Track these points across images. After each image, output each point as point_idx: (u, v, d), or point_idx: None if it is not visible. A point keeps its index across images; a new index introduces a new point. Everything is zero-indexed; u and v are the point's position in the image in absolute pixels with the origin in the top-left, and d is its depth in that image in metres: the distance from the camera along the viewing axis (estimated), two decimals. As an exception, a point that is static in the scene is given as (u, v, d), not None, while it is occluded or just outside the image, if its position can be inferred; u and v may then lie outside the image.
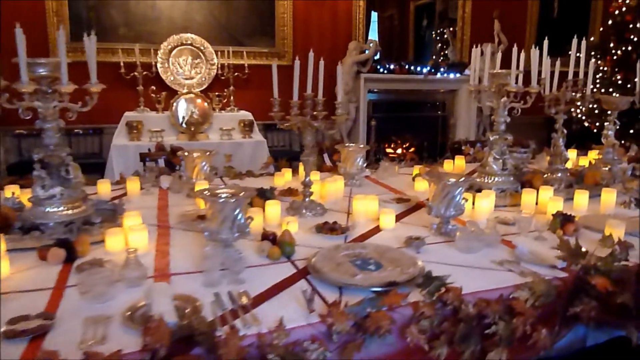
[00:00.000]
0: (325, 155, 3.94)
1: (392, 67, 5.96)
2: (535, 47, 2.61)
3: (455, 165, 3.29)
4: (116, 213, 2.08)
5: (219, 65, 5.34)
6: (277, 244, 1.78)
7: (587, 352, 1.67)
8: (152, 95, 5.05)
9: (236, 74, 5.36)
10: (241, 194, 1.69)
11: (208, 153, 2.65)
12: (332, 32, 5.87)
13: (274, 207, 2.12)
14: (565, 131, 2.77)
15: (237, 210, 1.66)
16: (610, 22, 5.67)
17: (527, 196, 2.31)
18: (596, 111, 5.71)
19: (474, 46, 2.74)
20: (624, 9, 5.48)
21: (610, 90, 5.36)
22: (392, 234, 2.00)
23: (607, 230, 1.83)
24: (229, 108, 5.32)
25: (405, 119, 6.52)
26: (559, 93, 2.69)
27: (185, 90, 5.14)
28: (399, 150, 6.55)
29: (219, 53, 5.32)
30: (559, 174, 2.72)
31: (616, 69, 5.59)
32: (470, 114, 6.46)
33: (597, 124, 5.74)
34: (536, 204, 2.35)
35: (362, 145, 2.94)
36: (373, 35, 7.77)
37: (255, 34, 5.63)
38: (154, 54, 5.10)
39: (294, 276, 1.60)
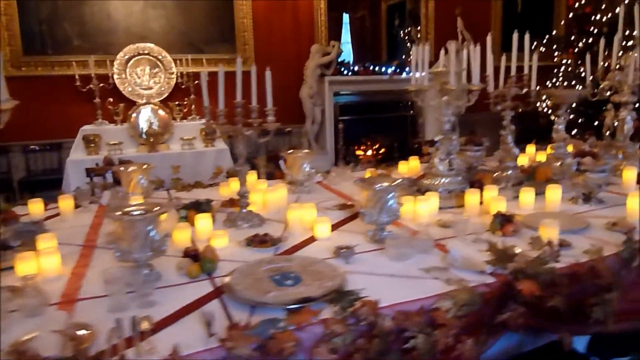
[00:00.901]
0: (281, 162, 3.86)
1: (356, 68, 5.90)
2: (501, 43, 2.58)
3: (410, 166, 3.22)
4: (35, 235, 1.97)
5: (179, 74, 5.24)
6: (199, 261, 1.69)
7: (521, 359, 1.60)
8: (109, 107, 4.93)
9: (196, 82, 5.25)
10: (155, 210, 1.61)
11: (145, 166, 2.55)
12: (294, 35, 5.79)
13: (204, 221, 2.03)
14: (513, 127, 2.71)
15: (150, 228, 1.58)
16: (571, 14, 5.66)
17: (471, 197, 2.25)
18: (562, 104, 5.69)
19: (414, 45, 2.66)
20: (583, 1, 5.48)
21: (573, 83, 5.35)
22: (327, 243, 1.91)
23: (541, 230, 1.76)
24: (190, 117, 5.22)
25: (375, 120, 6.46)
26: (504, 89, 2.64)
27: (144, 101, 5.03)
28: (369, 152, 6.49)
29: (178, 61, 5.21)
30: (509, 172, 2.67)
31: (579, 62, 5.58)
32: (439, 112, 6.40)
33: (571, 116, 5.73)
34: (481, 203, 2.29)
35: (307, 151, 2.86)
36: (345, 36, 7.73)
37: (216, 41, 5.54)
38: (110, 65, 4.99)
39: (208, 295, 1.51)
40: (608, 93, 3.06)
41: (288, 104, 5.91)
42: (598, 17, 5.31)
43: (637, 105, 3.00)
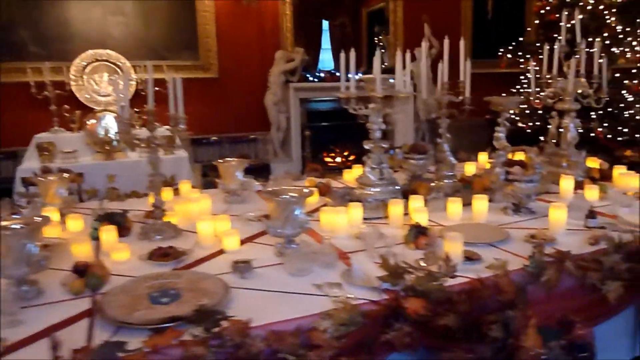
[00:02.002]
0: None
1: (322, 75, 5.84)
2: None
3: (355, 175, 3.14)
4: None
5: (140, 81, 5.15)
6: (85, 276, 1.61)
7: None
8: (66, 114, 4.83)
9: (157, 88, 5.16)
10: (32, 224, 1.52)
11: (67, 176, 2.46)
12: (259, 41, 5.73)
13: (108, 233, 1.94)
14: (449, 135, 2.65)
15: (26, 242, 1.49)
16: (537, 21, 5.63)
17: (394, 207, 2.18)
18: (527, 111, 5.67)
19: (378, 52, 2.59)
20: (547, 8, 5.45)
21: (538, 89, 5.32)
22: (235, 257, 1.83)
23: (445, 244, 1.69)
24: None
25: (344, 127, 6.37)
26: (438, 96, 2.58)
27: (101, 108, 4.94)
28: (339, 159, 6.43)
29: (138, 68, 5.13)
30: (445, 181, 2.60)
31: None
32: (408, 118, 6.37)
33: (530, 124, 5.70)
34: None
35: (241, 160, 2.78)
36: (325, 43, 7.69)
37: (178, 47, 5.47)
38: (66, 71, 4.90)
39: (81, 314, 1.42)
40: (552, 100, 3.00)
41: (253, 111, 5.85)
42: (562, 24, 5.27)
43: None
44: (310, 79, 5.85)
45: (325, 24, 7.01)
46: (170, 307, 1.37)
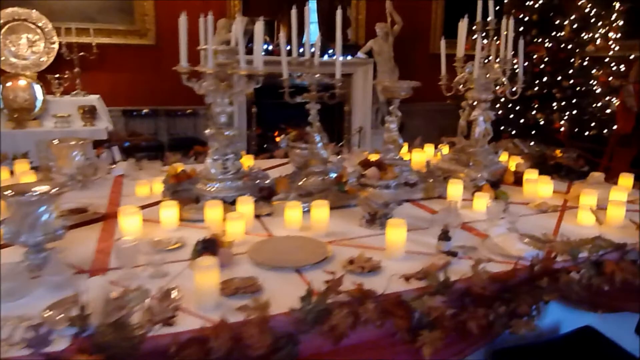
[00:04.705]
0: (115, 149, 3.40)
1: (270, 47, 5.38)
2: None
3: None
4: None
5: (64, 45, 4.73)
6: None
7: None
8: (-26, 77, 4.44)
9: (82, 53, 4.76)
10: None
11: None
12: (203, 8, 5.24)
13: None
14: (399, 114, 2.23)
15: None
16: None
17: (212, 210, 1.78)
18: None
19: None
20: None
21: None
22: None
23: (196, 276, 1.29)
24: (74, 92, 4.73)
25: (297, 106, 5.95)
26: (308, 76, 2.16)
27: (17, 72, 4.54)
28: (290, 140, 6.00)
29: (63, 30, 4.70)
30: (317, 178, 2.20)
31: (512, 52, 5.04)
32: (367, 99, 5.91)
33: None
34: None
35: (81, 140, 2.39)
36: (312, 16, 7.18)
37: (111, 10, 5.02)
38: (-20, 30, 4.49)
39: None
40: (463, 88, 2.56)
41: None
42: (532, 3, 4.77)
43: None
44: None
45: None
46: None
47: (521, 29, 4.88)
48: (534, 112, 4.79)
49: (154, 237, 1.72)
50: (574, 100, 4.66)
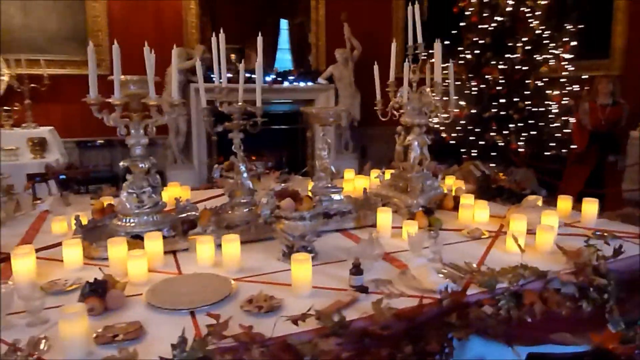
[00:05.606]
0: (51, 183, 3.28)
1: (229, 75, 5.32)
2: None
3: (170, 195, 2.64)
4: None
5: (14, 76, 4.64)
6: None
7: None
8: None
9: (33, 85, 4.67)
10: None
11: None
12: (159, 38, 5.21)
13: None
14: (330, 141, 2.18)
15: None
16: (462, 23, 5.14)
17: (115, 248, 1.68)
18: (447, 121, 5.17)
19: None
20: (471, 9, 4.96)
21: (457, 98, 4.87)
22: None
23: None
24: (24, 124, 4.62)
25: (263, 133, 5.89)
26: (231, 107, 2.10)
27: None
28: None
29: (13, 62, 4.61)
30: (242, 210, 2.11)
31: (470, 75, 5.07)
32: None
33: (453, 135, 5.21)
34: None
35: (-2, 176, 2.28)
36: (283, 43, 7.17)
37: (65, 40, 4.95)
38: None
39: None
40: (398, 112, 2.51)
41: (150, 113, 5.33)
42: (483, 26, 4.81)
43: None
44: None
45: (284, 22, 6.48)
46: None
47: (477, 51, 4.93)
48: (492, 134, 4.78)
49: (52, 278, 1.61)
50: (531, 121, 4.66)
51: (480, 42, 4.85)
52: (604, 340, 1.17)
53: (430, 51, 2.40)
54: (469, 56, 4.96)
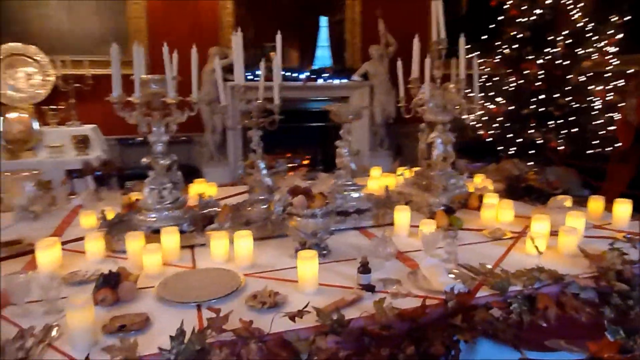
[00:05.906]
0: (89, 179, 3.41)
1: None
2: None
3: (197, 191, 2.71)
4: None
5: (60, 77, 4.86)
6: None
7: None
8: (-24, 110, 4.59)
9: (77, 85, 4.88)
10: None
11: None
12: (196, 37, 5.32)
13: None
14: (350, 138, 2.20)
15: None
16: (501, 17, 4.98)
17: (132, 242, 1.74)
18: (484, 118, 5.05)
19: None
20: (510, 2, 4.80)
21: (492, 94, 4.75)
22: None
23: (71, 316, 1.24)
24: (69, 122, 4.83)
25: (295, 130, 5.93)
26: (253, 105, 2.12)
27: (14, 105, 4.67)
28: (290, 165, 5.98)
29: (59, 63, 4.84)
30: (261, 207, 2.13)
31: (509, 71, 4.92)
32: (364, 121, 5.84)
33: (490, 132, 5.07)
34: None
35: (34, 171, 2.40)
36: (323, 41, 7.22)
37: (106, 41, 5.13)
38: (-21, 65, 4.66)
39: None
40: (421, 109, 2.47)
41: (187, 111, 5.47)
42: (523, 19, 4.65)
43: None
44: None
45: (323, 20, 6.51)
46: None
47: (516, 46, 4.78)
48: (531, 131, 4.62)
49: (75, 269, 1.69)
50: (572, 118, 4.48)
51: (519, 36, 4.69)
52: (601, 348, 1.11)
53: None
54: (507, 51, 4.82)
